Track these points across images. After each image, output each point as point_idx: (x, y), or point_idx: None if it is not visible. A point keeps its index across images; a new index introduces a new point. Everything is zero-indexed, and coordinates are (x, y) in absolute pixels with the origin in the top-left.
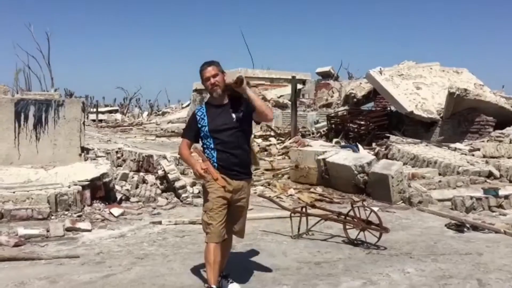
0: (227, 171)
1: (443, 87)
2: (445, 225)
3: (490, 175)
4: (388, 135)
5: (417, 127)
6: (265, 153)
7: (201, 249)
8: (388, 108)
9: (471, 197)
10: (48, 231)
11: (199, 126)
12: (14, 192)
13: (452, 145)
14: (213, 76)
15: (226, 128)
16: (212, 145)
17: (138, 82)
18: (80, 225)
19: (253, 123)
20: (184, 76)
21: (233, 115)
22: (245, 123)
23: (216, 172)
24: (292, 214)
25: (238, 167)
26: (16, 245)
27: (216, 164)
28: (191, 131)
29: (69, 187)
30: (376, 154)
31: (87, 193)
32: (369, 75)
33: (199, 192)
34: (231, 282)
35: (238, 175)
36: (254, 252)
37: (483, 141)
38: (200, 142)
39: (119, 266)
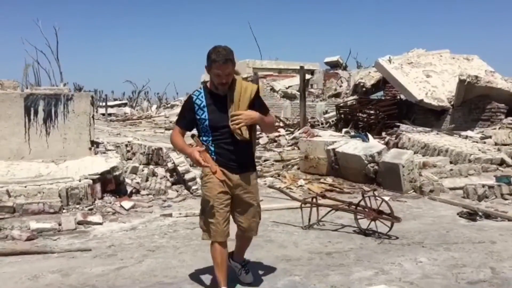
0: (227, 164)
1: (454, 74)
2: (457, 214)
3: (502, 162)
4: (398, 124)
5: (427, 115)
6: (274, 144)
7: None
8: (398, 97)
9: (483, 185)
10: (60, 224)
11: (197, 117)
12: (25, 187)
13: (463, 133)
14: (226, 75)
15: (227, 125)
16: (210, 139)
17: (146, 75)
18: (91, 218)
19: None
20: (192, 68)
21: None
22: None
23: (215, 165)
24: (303, 205)
25: (239, 161)
26: (29, 239)
27: (214, 157)
28: (185, 119)
29: (79, 180)
30: (386, 144)
31: (98, 187)
32: (378, 63)
33: None
34: (248, 272)
35: (239, 168)
36: (265, 243)
37: (494, 129)
38: (194, 130)
39: (130, 259)
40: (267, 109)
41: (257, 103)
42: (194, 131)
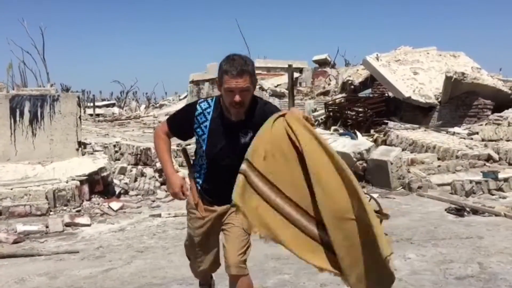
0: (212, 200)
1: (441, 71)
2: (445, 210)
3: (489, 158)
4: (386, 121)
5: (415, 112)
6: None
7: None
8: (386, 94)
9: (471, 181)
10: (47, 227)
11: (196, 135)
12: (12, 189)
13: (451, 130)
14: (242, 90)
15: (228, 154)
16: (203, 167)
17: (134, 75)
18: (79, 220)
19: None
20: (180, 68)
21: (242, 140)
22: (248, 146)
23: (197, 196)
24: None
25: (227, 195)
26: (15, 241)
27: (199, 187)
28: (179, 127)
29: (67, 182)
30: (375, 141)
31: (86, 188)
32: (365, 61)
33: None
34: None
35: (224, 202)
36: (254, 242)
37: (481, 125)
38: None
39: (119, 260)
40: None
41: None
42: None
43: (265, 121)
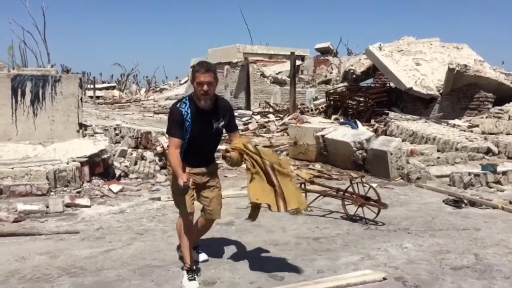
0: (195, 164)
1: (443, 63)
2: (443, 201)
3: (488, 151)
4: (387, 111)
5: (416, 103)
6: (264, 129)
7: None
8: (388, 85)
9: (469, 173)
10: (47, 207)
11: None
12: (12, 168)
13: (451, 122)
14: (208, 83)
15: (205, 135)
16: (184, 148)
17: (135, 58)
18: (79, 201)
19: None
20: (181, 52)
21: (214, 125)
22: (221, 132)
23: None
24: None
25: (206, 160)
26: (16, 220)
27: (183, 157)
28: (180, 131)
29: (67, 163)
30: (375, 131)
31: (86, 170)
32: (368, 51)
33: None
34: (200, 253)
35: (205, 163)
36: (253, 228)
37: (482, 118)
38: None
39: (119, 241)
40: (236, 125)
41: (230, 118)
42: None
43: (226, 111)
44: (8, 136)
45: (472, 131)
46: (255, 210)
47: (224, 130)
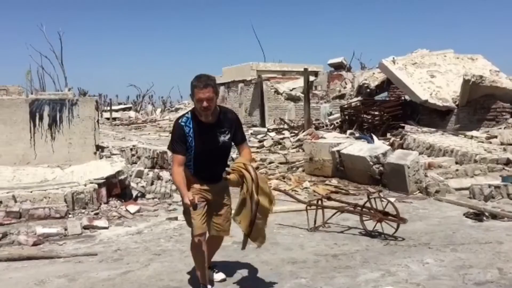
0: (206, 179)
1: (458, 74)
2: (464, 214)
3: (508, 162)
4: (403, 125)
5: (432, 116)
6: (279, 146)
7: None
8: (402, 98)
9: (490, 185)
10: (66, 229)
11: (187, 142)
12: (31, 192)
13: (469, 133)
14: (207, 99)
15: (212, 149)
16: (191, 162)
17: (150, 79)
18: (97, 222)
19: None
20: (195, 71)
21: (220, 138)
22: (228, 145)
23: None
24: (308, 207)
25: (217, 175)
26: (35, 244)
27: (192, 171)
28: (183, 146)
29: (85, 185)
30: (391, 145)
31: (103, 191)
32: (382, 64)
33: None
34: (217, 272)
35: (217, 179)
36: (271, 246)
37: (500, 128)
38: None
39: (136, 263)
40: (244, 137)
41: (237, 129)
42: None
43: (231, 122)
44: (27, 160)
45: (490, 142)
46: (246, 237)
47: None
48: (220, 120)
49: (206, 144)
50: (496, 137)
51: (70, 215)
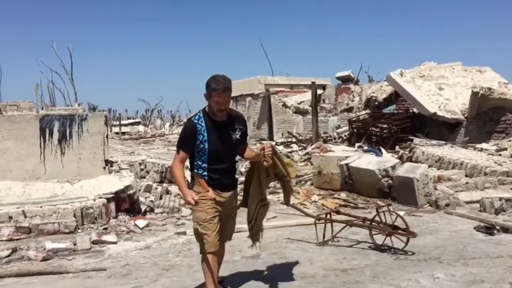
0: (219, 186)
1: (466, 86)
2: (474, 228)
3: None
4: (411, 137)
5: (441, 128)
6: (288, 160)
7: (225, 259)
8: (411, 110)
9: (500, 198)
10: (75, 244)
11: (197, 141)
12: (41, 207)
13: (478, 146)
14: (225, 102)
15: (225, 148)
16: (205, 164)
17: (159, 93)
18: (106, 237)
19: None
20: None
21: (233, 136)
22: (240, 143)
23: (207, 186)
24: (317, 221)
25: (229, 181)
26: (44, 259)
27: (206, 178)
28: (190, 145)
29: (94, 200)
30: (400, 158)
31: (112, 206)
32: (389, 77)
33: None
34: (225, 287)
35: (229, 188)
36: (279, 260)
37: (510, 141)
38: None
39: (145, 278)
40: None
41: (244, 132)
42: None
43: (241, 121)
44: (37, 175)
45: (500, 155)
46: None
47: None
48: (232, 119)
49: (220, 141)
50: (506, 149)
51: (79, 230)
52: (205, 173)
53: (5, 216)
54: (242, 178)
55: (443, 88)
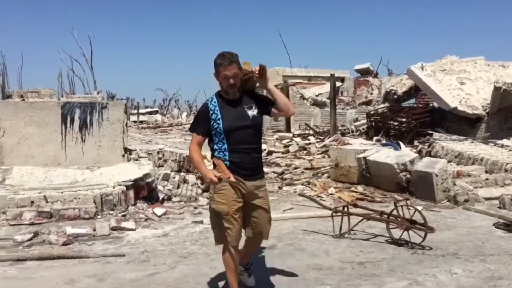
0: (240, 171)
1: (489, 81)
2: (493, 225)
3: None
4: (431, 132)
5: (461, 123)
6: (305, 152)
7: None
8: (431, 105)
9: None
10: (94, 230)
11: (211, 121)
12: (62, 193)
13: (499, 142)
14: (233, 76)
15: (241, 126)
16: (225, 145)
17: (177, 83)
18: (124, 224)
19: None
20: None
21: (249, 113)
22: (259, 121)
23: (228, 172)
24: (334, 214)
25: (252, 167)
26: (65, 243)
27: (228, 163)
28: (203, 126)
29: (113, 187)
30: (419, 152)
31: (131, 193)
32: (410, 71)
33: None
34: (250, 276)
35: (252, 175)
36: (296, 252)
37: None
38: (207, 140)
39: (163, 265)
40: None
41: (262, 96)
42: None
43: (255, 95)
44: (58, 161)
45: None
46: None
47: (263, 119)
48: (246, 96)
49: (235, 119)
50: None
51: (98, 216)
52: (226, 156)
53: (28, 200)
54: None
55: (464, 82)
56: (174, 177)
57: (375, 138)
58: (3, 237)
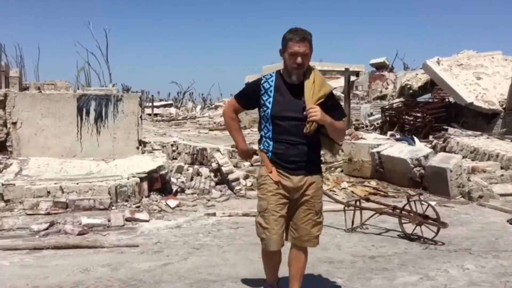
0: (284, 164)
1: (506, 77)
2: (508, 221)
3: None
4: (446, 127)
5: (477, 119)
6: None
7: (255, 240)
8: (446, 100)
9: None
10: (109, 220)
11: (261, 101)
12: (77, 183)
13: None
14: (302, 54)
15: (291, 117)
16: (270, 133)
17: (191, 76)
18: (138, 215)
19: None
20: (236, 70)
21: (304, 105)
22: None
23: (271, 165)
24: (346, 208)
25: (298, 161)
26: (80, 233)
27: (270, 154)
28: (246, 97)
29: (128, 179)
30: (434, 147)
31: (145, 185)
32: (426, 65)
33: (252, 185)
34: None
35: (299, 169)
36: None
37: None
38: (257, 127)
39: (176, 256)
40: (343, 114)
41: (330, 105)
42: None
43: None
44: (74, 153)
45: None
46: None
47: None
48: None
49: (288, 106)
50: None
51: (113, 207)
52: (270, 147)
53: (44, 191)
54: None
55: (481, 77)
56: (187, 170)
57: (389, 133)
58: (20, 226)
